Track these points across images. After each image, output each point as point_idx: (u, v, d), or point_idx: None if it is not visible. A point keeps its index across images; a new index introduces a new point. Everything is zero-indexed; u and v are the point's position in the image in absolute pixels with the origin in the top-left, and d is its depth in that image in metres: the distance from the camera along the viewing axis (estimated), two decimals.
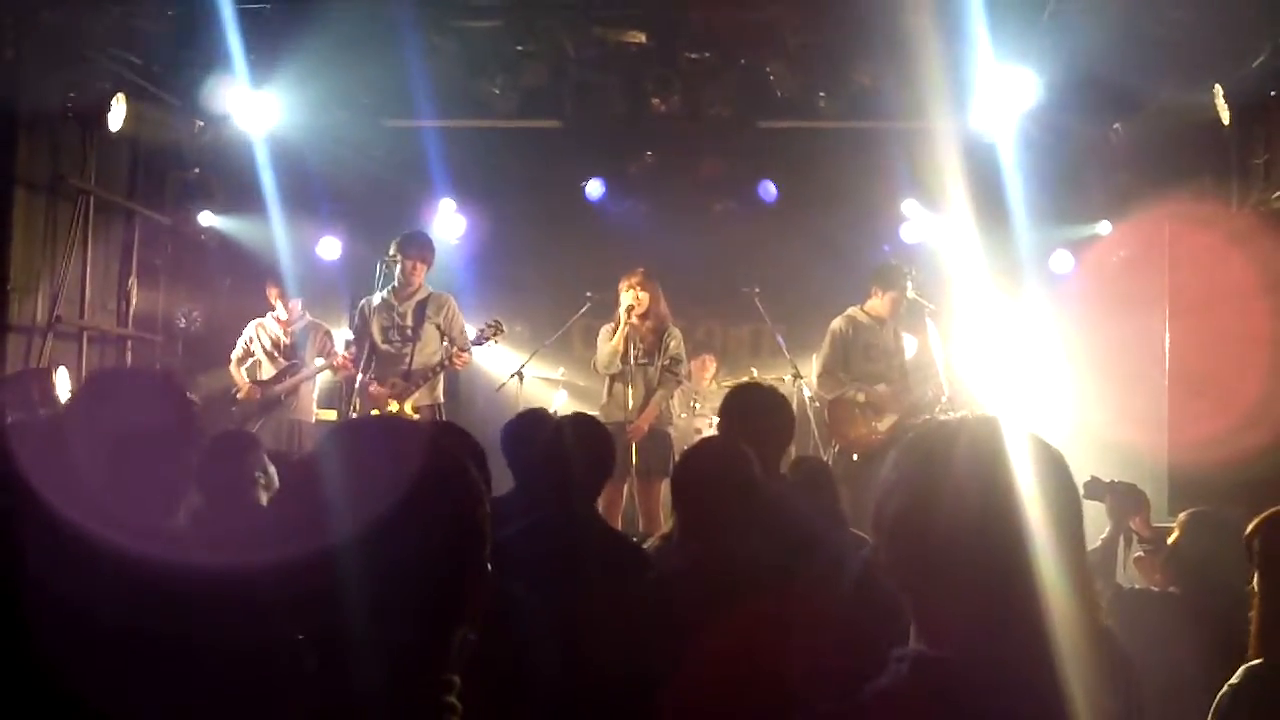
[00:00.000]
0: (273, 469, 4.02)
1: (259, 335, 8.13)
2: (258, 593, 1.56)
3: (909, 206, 9.49)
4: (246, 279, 8.67)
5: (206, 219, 8.73)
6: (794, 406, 7.37)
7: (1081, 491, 3.67)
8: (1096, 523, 4.33)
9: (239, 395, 8.01)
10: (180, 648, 1.68)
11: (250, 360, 8.14)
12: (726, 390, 9.09)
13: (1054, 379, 8.59)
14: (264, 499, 3.82)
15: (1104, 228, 8.95)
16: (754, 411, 4.25)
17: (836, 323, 7.55)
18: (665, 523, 4.81)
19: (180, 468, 2.35)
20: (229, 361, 8.15)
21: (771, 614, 2.85)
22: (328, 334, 8.22)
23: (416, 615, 1.40)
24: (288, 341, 8.08)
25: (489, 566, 1.52)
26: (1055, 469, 1.55)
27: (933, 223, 9.28)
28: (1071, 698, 1.39)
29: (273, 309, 8.11)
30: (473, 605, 1.47)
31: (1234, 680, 2.58)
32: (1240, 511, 3.68)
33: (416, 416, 7.35)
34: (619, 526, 6.52)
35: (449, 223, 9.63)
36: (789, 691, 2.45)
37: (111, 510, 1.97)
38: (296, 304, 8.10)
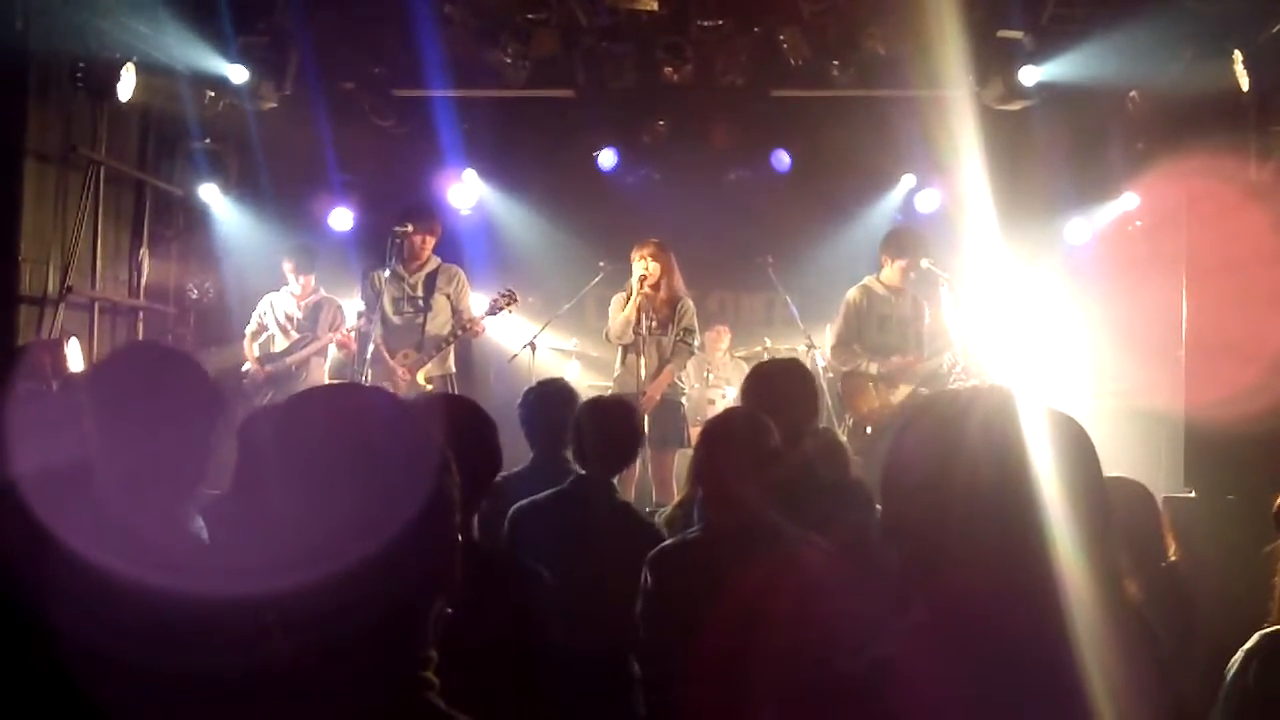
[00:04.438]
0: None
1: (273, 309, 8.16)
2: (227, 603, 1.52)
3: (923, 175, 9.42)
4: (259, 252, 8.67)
5: (213, 194, 8.67)
6: None
7: None
8: None
9: (248, 369, 8.03)
10: (165, 668, 1.64)
11: (265, 334, 8.16)
12: (740, 361, 9.20)
13: (1070, 347, 8.54)
14: None
15: (1127, 200, 8.82)
16: (777, 384, 4.24)
17: (851, 293, 7.48)
18: (678, 492, 4.80)
19: (205, 451, 2.31)
20: (242, 335, 8.18)
21: (788, 581, 2.85)
22: (339, 309, 8.22)
23: (388, 592, 1.36)
24: (300, 316, 8.09)
25: (459, 537, 1.49)
26: (1075, 440, 1.53)
27: (947, 192, 9.21)
28: (1085, 671, 1.37)
29: (287, 283, 8.13)
30: (445, 578, 1.44)
31: (1250, 644, 2.55)
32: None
33: (429, 387, 7.35)
34: (633, 496, 6.52)
35: (461, 193, 9.60)
36: (802, 658, 2.44)
37: (111, 510, 1.96)
38: (310, 278, 8.11)
